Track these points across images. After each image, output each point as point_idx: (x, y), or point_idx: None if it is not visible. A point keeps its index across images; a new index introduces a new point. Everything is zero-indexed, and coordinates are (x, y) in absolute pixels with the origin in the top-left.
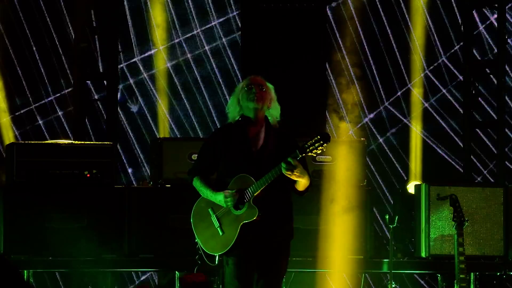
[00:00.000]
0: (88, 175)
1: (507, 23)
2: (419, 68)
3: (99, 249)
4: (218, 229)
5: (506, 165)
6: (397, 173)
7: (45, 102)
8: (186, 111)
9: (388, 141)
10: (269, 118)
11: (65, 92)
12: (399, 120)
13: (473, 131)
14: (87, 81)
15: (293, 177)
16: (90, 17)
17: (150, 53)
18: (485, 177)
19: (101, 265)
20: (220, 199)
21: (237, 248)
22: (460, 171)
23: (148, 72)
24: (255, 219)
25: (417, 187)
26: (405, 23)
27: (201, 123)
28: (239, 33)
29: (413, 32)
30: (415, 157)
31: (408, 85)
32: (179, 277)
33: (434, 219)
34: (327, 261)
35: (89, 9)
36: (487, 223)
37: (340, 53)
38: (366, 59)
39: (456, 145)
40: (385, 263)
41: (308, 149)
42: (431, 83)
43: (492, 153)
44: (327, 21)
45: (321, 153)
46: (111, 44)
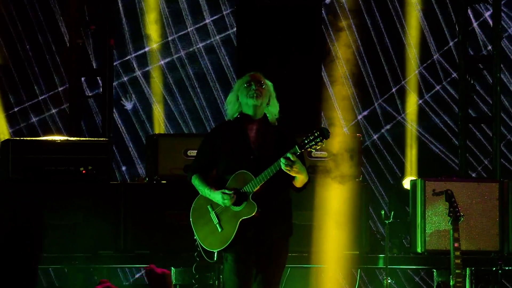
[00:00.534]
0: (83, 172)
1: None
2: (413, 64)
3: (95, 245)
4: (217, 225)
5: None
6: (392, 169)
7: (39, 100)
8: (180, 108)
9: (382, 137)
10: (268, 115)
11: (59, 90)
12: (393, 116)
13: (468, 127)
14: (82, 78)
15: (292, 173)
16: (83, 14)
17: (144, 51)
18: (479, 173)
19: (97, 261)
20: (218, 198)
21: (236, 244)
22: (455, 167)
23: (142, 69)
24: (254, 215)
25: (413, 183)
26: (399, 20)
27: (195, 120)
28: (233, 30)
29: (407, 29)
30: (410, 153)
31: (402, 82)
32: (146, 272)
33: (429, 214)
34: (323, 257)
35: (82, 6)
36: (483, 218)
37: (334, 50)
38: (360, 56)
39: (451, 141)
40: (381, 258)
41: (307, 145)
42: (426, 80)
43: (486, 149)
44: (322, 18)
45: (318, 149)
46: (105, 40)
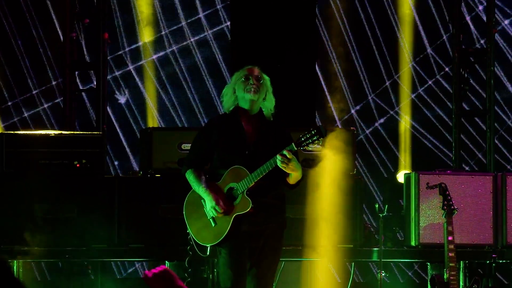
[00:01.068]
0: (77, 165)
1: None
2: (406, 58)
3: (89, 239)
4: (210, 220)
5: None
6: (385, 163)
7: (32, 94)
8: (172, 103)
9: (376, 131)
10: (263, 110)
11: (52, 84)
12: (387, 110)
13: (461, 120)
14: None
15: (288, 170)
16: (75, 7)
17: (137, 45)
18: (473, 167)
19: (90, 255)
20: (208, 200)
21: (230, 239)
22: (448, 161)
23: (135, 63)
24: (249, 211)
25: (407, 176)
26: (392, 14)
27: (188, 114)
28: (226, 24)
29: (400, 23)
30: (404, 146)
31: (395, 76)
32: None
33: (423, 208)
34: (317, 250)
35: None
36: (476, 212)
37: (327, 45)
38: (353, 51)
39: (444, 135)
40: (375, 252)
41: (304, 143)
42: (419, 74)
43: (479, 143)
44: (316, 13)
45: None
46: (99, 34)
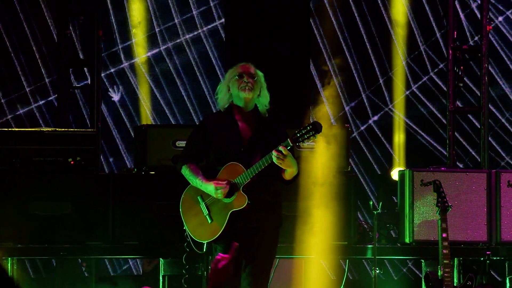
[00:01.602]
0: (72, 162)
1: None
2: (400, 56)
3: (84, 236)
4: (206, 216)
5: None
6: (380, 160)
7: (26, 91)
8: (167, 100)
9: (370, 128)
10: (258, 106)
11: (46, 81)
12: (381, 108)
13: (455, 118)
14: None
15: (283, 166)
16: (69, 4)
17: (131, 42)
18: (467, 164)
19: (85, 252)
20: (210, 189)
21: (225, 235)
22: (442, 157)
23: (129, 61)
24: (245, 207)
25: (401, 173)
26: (386, 11)
27: (182, 111)
28: (220, 22)
29: (394, 20)
30: (398, 144)
31: (389, 73)
32: None
33: (417, 205)
34: (311, 248)
35: None
36: (471, 209)
37: (321, 42)
38: (347, 48)
39: (438, 132)
40: (369, 249)
41: (299, 139)
42: (413, 71)
43: (473, 140)
44: (310, 10)
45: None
46: (93, 31)
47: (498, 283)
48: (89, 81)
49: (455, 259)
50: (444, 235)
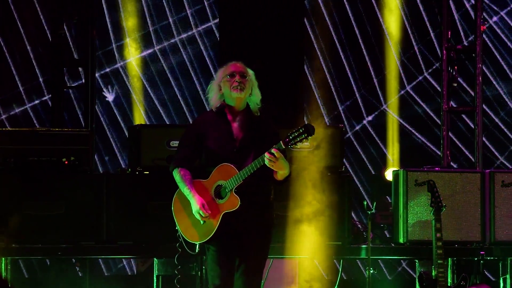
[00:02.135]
0: (66, 162)
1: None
2: (395, 55)
3: (77, 236)
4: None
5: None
6: (374, 160)
7: (20, 91)
8: (161, 100)
9: (364, 128)
10: (250, 104)
11: (40, 81)
12: (375, 107)
13: (450, 118)
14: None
15: (275, 168)
16: (64, 4)
17: (125, 42)
18: (461, 164)
19: (79, 252)
20: (194, 205)
21: (218, 236)
22: (437, 157)
23: (123, 60)
24: (237, 208)
25: (395, 173)
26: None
27: (177, 111)
28: (215, 21)
29: (388, 19)
30: (392, 143)
31: (384, 73)
32: None
33: (412, 205)
34: (305, 248)
35: None
36: (465, 209)
37: (315, 42)
38: (342, 47)
39: (433, 132)
40: (363, 249)
41: (292, 141)
42: (407, 70)
43: (467, 140)
44: (304, 9)
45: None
46: (87, 31)
47: (492, 283)
48: (83, 81)
49: (449, 259)
50: (438, 235)
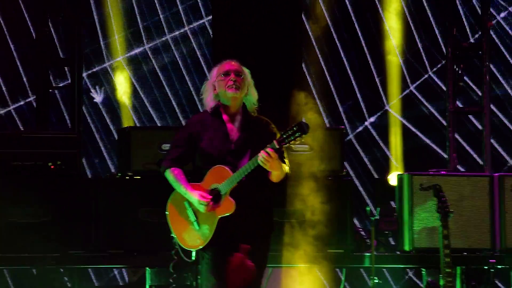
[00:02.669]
0: (52, 167)
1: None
2: (397, 54)
3: (65, 244)
4: (194, 223)
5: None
6: (376, 163)
7: (3, 92)
8: (151, 101)
9: (366, 129)
10: (246, 104)
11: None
12: (377, 108)
13: (456, 118)
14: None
15: (267, 168)
16: (49, 1)
17: (113, 40)
18: (468, 167)
19: (67, 262)
20: (194, 200)
21: (214, 242)
22: (444, 160)
23: (112, 59)
24: (233, 212)
25: (399, 178)
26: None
27: (169, 113)
28: (207, 19)
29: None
30: (395, 146)
31: (385, 72)
32: None
33: (417, 210)
34: (305, 256)
35: None
36: (473, 214)
37: (314, 40)
38: (342, 45)
39: (438, 133)
40: (367, 257)
41: (285, 140)
42: (411, 69)
43: (475, 141)
44: (302, 5)
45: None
46: (74, 28)
47: None
48: (70, 81)
49: (458, 267)
50: (445, 242)
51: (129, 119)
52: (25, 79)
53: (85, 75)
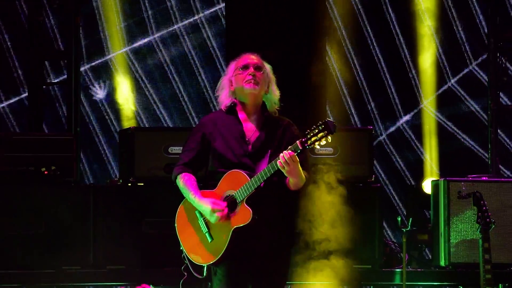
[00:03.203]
0: (45, 172)
1: None
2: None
3: (60, 259)
4: (206, 234)
5: None
6: (410, 168)
7: None
8: (158, 98)
9: (399, 130)
10: (266, 103)
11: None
12: (412, 106)
13: (499, 116)
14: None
15: (286, 173)
16: None
17: (116, 30)
18: None
19: (61, 279)
20: (205, 209)
21: (228, 257)
22: (484, 164)
23: (115, 52)
24: (249, 222)
25: (434, 184)
26: None
27: (177, 112)
28: (220, 6)
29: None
30: (431, 148)
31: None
32: None
33: (454, 221)
34: (329, 272)
35: None
36: None
37: (340, 31)
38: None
39: (481, 133)
40: (397, 273)
41: (309, 140)
42: (451, 63)
43: None
44: None
45: (324, 145)
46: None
47: None
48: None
49: (499, 285)
50: (486, 257)
51: (133, 118)
52: (16, 74)
53: (83, 69)
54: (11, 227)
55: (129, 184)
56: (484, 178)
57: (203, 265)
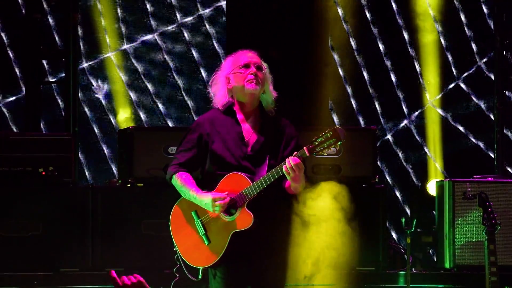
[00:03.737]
0: (43, 173)
1: None
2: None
3: (57, 261)
4: (203, 237)
5: None
6: (414, 168)
7: None
8: (158, 97)
9: (403, 130)
10: (262, 103)
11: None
12: (417, 105)
13: (506, 115)
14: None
15: (290, 179)
16: None
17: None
18: None
19: (59, 282)
20: (206, 202)
21: (226, 260)
22: (490, 164)
23: (115, 50)
24: (250, 227)
25: (439, 185)
26: None
27: (177, 111)
28: (222, 3)
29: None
30: (435, 148)
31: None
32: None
33: (459, 222)
34: (331, 275)
35: None
36: None
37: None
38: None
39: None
40: (401, 276)
41: (318, 148)
42: (457, 61)
43: None
44: None
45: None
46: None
47: None
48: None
49: (505, 287)
50: (492, 259)
51: (131, 118)
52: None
53: (82, 67)
54: (8, 229)
55: (128, 184)
56: (490, 178)
57: (199, 268)
